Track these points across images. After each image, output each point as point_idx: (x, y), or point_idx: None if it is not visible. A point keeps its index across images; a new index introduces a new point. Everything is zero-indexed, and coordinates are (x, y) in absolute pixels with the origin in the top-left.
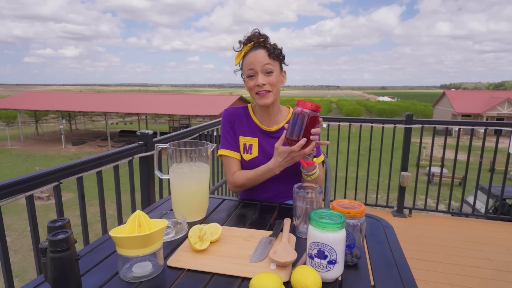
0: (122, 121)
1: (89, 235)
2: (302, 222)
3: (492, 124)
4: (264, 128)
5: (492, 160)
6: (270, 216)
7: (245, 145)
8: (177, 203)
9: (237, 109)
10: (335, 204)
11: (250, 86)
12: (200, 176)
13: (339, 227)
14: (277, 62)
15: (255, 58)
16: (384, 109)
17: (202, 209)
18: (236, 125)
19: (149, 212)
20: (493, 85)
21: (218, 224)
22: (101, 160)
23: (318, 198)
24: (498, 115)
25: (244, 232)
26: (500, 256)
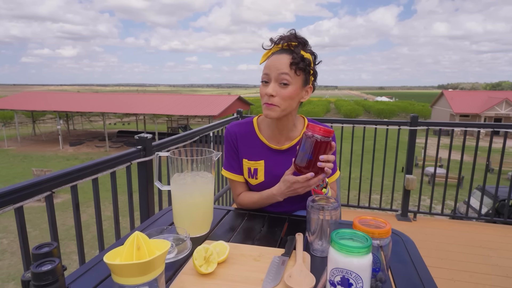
0: (120, 121)
1: (84, 245)
2: (317, 238)
3: (498, 126)
4: (273, 146)
5: (488, 161)
6: (280, 230)
7: (250, 169)
8: (179, 217)
9: (240, 127)
10: (356, 222)
11: (261, 92)
12: (204, 188)
13: (365, 251)
14: (300, 75)
15: (274, 63)
16: (383, 109)
17: (206, 223)
18: (239, 146)
19: (149, 225)
20: (490, 85)
21: (225, 243)
22: (97, 166)
23: (335, 213)
24: (496, 115)
25: (254, 251)
26: (509, 262)
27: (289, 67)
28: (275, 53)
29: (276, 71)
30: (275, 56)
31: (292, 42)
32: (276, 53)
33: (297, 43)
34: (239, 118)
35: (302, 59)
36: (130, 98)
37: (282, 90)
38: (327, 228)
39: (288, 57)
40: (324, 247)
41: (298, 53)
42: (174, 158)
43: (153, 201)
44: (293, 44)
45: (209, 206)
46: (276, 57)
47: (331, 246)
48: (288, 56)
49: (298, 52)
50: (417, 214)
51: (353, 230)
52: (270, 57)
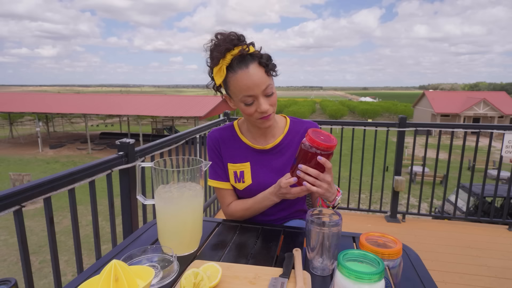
0: (103, 123)
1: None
2: (317, 255)
3: (484, 126)
4: (258, 147)
5: (474, 161)
6: (276, 245)
7: (236, 173)
8: (165, 234)
9: (221, 132)
10: (364, 241)
11: (250, 113)
12: (193, 202)
13: (377, 277)
14: (272, 75)
15: (251, 81)
16: (367, 109)
17: (195, 240)
18: (222, 151)
19: (131, 243)
20: (468, 85)
21: (216, 264)
22: (74, 176)
23: (337, 228)
24: (474, 115)
25: (249, 271)
26: (497, 262)
27: (267, 76)
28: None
29: (260, 88)
30: (244, 73)
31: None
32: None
33: (246, 44)
34: (227, 120)
35: (267, 60)
36: (114, 99)
37: (271, 99)
38: (328, 245)
39: (256, 65)
40: (325, 264)
41: (260, 56)
42: (159, 170)
43: (137, 212)
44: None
45: (198, 222)
46: (245, 72)
47: (338, 270)
48: (255, 63)
49: (259, 55)
50: (406, 215)
51: (362, 251)
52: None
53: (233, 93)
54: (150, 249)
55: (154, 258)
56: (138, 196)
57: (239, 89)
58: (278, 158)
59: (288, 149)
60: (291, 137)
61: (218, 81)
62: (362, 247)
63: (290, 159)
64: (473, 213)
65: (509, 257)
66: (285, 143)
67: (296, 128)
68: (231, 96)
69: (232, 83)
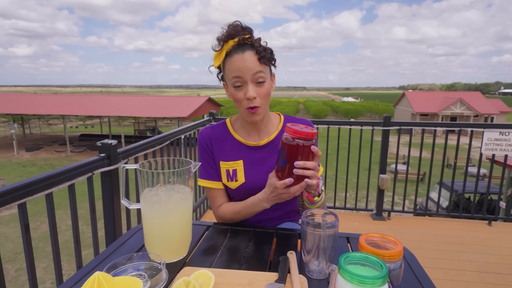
0: (82, 124)
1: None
2: (313, 258)
3: (465, 125)
4: (251, 144)
5: (455, 159)
6: (269, 248)
7: (228, 171)
8: (152, 240)
9: (213, 129)
10: (363, 242)
11: (239, 98)
12: (181, 205)
13: (381, 282)
14: (267, 66)
15: (244, 64)
16: (349, 109)
17: (184, 245)
18: (214, 149)
19: (116, 249)
20: (445, 86)
21: (208, 271)
22: (52, 179)
23: (334, 230)
24: (452, 114)
25: (242, 277)
26: (479, 257)
27: (259, 63)
28: (236, 52)
29: (250, 72)
30: (239, 56)
31: (246, 35)
32: (236, 51)
33: (250, 34)
34: (212, 120)
35: (265, 50)
36: (94, 100)
37: (261, 89)
38: (325, 247)
39: (252, 53)
40: (321, 267)
41: (260, 45)
42: (145, 171)
43: (120, 216)
44: (247, 37)
45: (188, 226)
46: (240, 56)
47: (339, 274)
48: (252, 51)
49: (259, 44)
50: (391, 213)
51: (364, 254)
52: (232, 57)
53: (227, 76)
54: (136, 256)
55: (140, 267)
56: (122, 200)
57: (231, 70)
58: (271, 156)
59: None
60: None
61: (216, 63)
62: (361, 249)
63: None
64: (452, 209)
65: (490, 251)
66: (279, 140)
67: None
68: (226, 80)
69: (227, 65)
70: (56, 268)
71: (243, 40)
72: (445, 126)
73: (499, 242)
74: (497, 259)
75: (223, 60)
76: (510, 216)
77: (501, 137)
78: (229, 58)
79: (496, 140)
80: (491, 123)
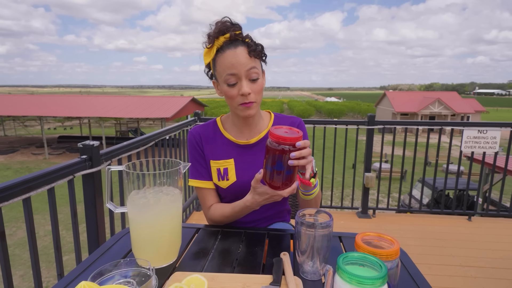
0: (61, 125)
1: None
2: (307, 259)
3: (447, 123)
4: (241, 142)
5: (437, 157)
6: (261, 249)
7: (219, 170)
8: (140, 245)
9: (204, 128)
10: (360, 241)
11: (232, 95)
12: (171, 207)
13: (380, 282)
14: (259, 61)
15: (237, 60)
16: (333, 109)
17: (173, 249)
18: (204, 147)
19: (100, 256)
20: (424, 86)
21: (201, 276)
22: (30, 183)
23: (329, 230)
24: (430, 113)
25: (236, 281)
26: (461, 251)
27: (252, 58)
28: (228, 47)
29: (243, 68)
30: (231, 52)
31: (236, 31)
32: (228, 47)
33: (240, 30)
34: (197, 120)
35: (256, 45)
36: (73, 100)
37: (254, 85)
38: (319, 247)
39: (244, 48)
40: (315, 268)
41: (251, 40)
42: (131, 173)
43: (103, 221)
44: (238, 33)
45: (177, 229)
46: (233, 52)
47: (338, 274)
48: (244, 46)
49: (251, 39)
50: (376, 210)
51: (362, 254)
52: (224, 53)
53: (219, 73)
54: (123, 262)
55: (128, 273)
56: (107, 204)
57: (223, 67)
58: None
59: None
60: None
61: (207, 60)
62: (358, 249)
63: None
64: (433, 206)
65: (470, 246)
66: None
67: (280, 123)
68: (217, 78)
69: (218, 62)
70: (35, 276)
71: (234, 36)
72: (427, 125)
73: (478, 236)
74: (477, 253)
75: (214, 57)
76: (488, 211)
77: (479, 135)
78: (220, 54)
79: (475, 138)
80: (471, 121)
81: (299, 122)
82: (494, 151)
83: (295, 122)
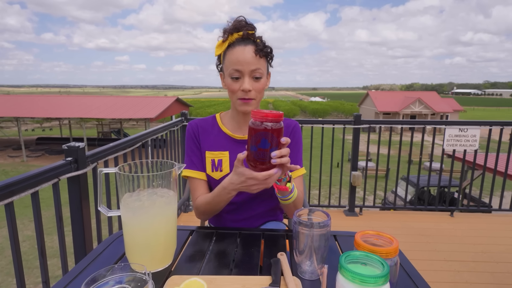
0: (39, 127)
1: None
2: (305, 259)
3: (430, 122)
4: (237, 136)
5: (420, 155)
6: (258, 250)
7: (214, 161)
8: (134, 249)
9: (203, 121)
10: (359, 239)
11: (234, 88)
12: (166, 210)
13: (383, 280)
14: (265, 62)
15: (244, 57)
16: (317, 109)
17: (169, 253)
18: (201, 138)
19: (91, 262)
20: (404, 86)
21: (199, 279)
22: (12, 187)
23: (327, 229)
24: (411, 113)
25: (235, 283)
26: (445, 246)
27: (259, 58)
28: (238, 44)
29: (249, 66)
30: (240, 48)
31: (249, 30)
32: (239, 44)
33: (253, 30)
34: (184, 120)
35: (265, 46)
36: (52, 101)
37: (256, 84)
38: (317, 247)
39: (253, 48)
40: (313, 268)
41: (261, 41)
42: (125, 175)
43: (90, 225)
44: (251, 33)
45: (172, 232)
46: (242, 49)
47: (340, 273)
48: (253, 46)
49: (261, 41)
50: (363, 208)
51: (364, 253)
52: (234, 49)
53: (226, 66)
54: (117, 268)
55: (123, 278)
56: (99, 207)
57: (231, 62)
58: None
59: None
60: None
61: (217, 52)
62: (358, 247)
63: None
64: (416, 203)
65: (453, 240)
66: None
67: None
68: (224, 70)
69: (227, 56)
70: (18, 284)
71: (247, 34)
72: (411, 124)
73: (461, 231)
74: (460, 247)
75: (224, 51)
76: (469, 206)
77: (460, 133)
78: (231, 49)
79: (456, 136)
80: (452, 120)
81: (295, 125)
82: (474, 148)
83: (290, 125)
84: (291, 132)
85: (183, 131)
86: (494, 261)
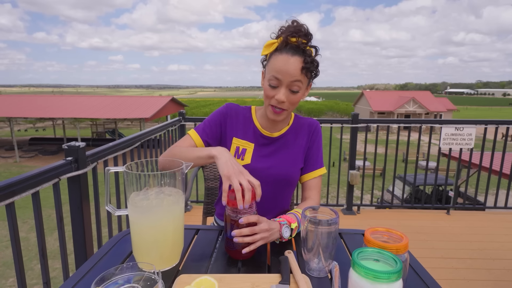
0: (32, 127)
1: None
2: (314, 256)
3: (427, 121)
4: (266, 133)
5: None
6: (264, 248)
7: (238, 148)
8: (142, 248)
9: (239, 108)
10: (369, 236)
11: (268, 94)
12: (174, 209)
13: (396, 276)
14: (307, 77)
15: (286, 68)
16: (312, 108)
17: (176, 252)
18: (232, 121)
19: (97, 263)
20: (398, 86)
21: (210, 278)
22: (13, 187)
23: (336, 227)
24: (406, 112)
25: (245, 281)
26: (441, 244)
27: (301, 73)
28: (286, 51)
29: (289, 78)
30: (286, 58)
31: (304, 40)
32: (286, 51)
33: (308, 41)
34: (182, 120)
35: (312, 62)
36: (45, 101)
37: (292, 96)
38: (325, 244)
39: (300, 60)
40: (321, 266)
41: (309, 56)
42: (133, 174)
43: (90, 226)
44: (303, 42)
45: (180, 231)
46: (287, 59)
47: (353, 269)
48: (300, 59)
49: (309, 55)
50: (361, 207)
51: (376, 249)
52: (280, 55)
53: (268, 69)
54: (125, 267)
55: (132, 278)
56: (107, 206)
57: (273, 67)
58: (280, 150)
59: (291, 144)
60: (295, 131)
61: (264, 52)
62: (368, 244)
63: (291, 154)
64: (413, 201)
65: (450, 238)
66: (289, 136)
67: (299, 122)
68: (266, 72)
69: (272, 60)
70: (19, 284)
71: (299, 43)
72: (408, 123)
73: (457, 229)
74: (457, 245)
75: (272, 52)
76: (465, 205)
77: (456, 132)
78: (278, 53)
79: (452, 135)
80: (448, 119)
81: (316, 125)
82: (470, 147)
83: (312, 125)
84: (313, 133)
85: (181, 131)
86: (491, 258)
